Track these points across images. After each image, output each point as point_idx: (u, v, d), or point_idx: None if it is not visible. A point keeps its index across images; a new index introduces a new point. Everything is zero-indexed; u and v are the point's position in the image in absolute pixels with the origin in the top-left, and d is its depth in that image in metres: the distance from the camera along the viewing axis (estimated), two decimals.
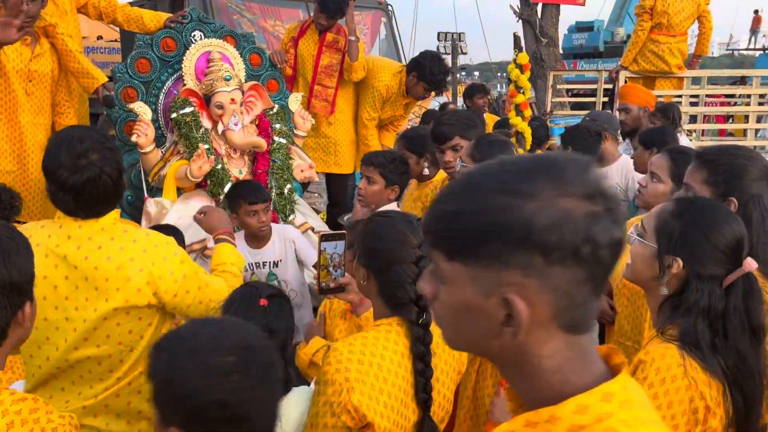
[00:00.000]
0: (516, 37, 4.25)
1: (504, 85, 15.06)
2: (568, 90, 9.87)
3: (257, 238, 3.15)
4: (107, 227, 1.87)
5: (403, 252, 1.65)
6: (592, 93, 8.37)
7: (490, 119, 5.46)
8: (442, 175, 3.24)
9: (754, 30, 28.55)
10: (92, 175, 1.77)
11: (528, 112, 4.36)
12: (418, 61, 4.42)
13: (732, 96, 8.68)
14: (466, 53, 18.26)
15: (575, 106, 8.80)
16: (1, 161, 3.41)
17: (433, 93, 4.99)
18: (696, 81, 6.90)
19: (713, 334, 1.45)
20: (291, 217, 3.56)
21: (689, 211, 1.57)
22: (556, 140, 5.51)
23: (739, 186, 1.86)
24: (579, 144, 3.38)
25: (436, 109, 8.00)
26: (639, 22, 6.28)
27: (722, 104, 8.71)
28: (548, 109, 7.75)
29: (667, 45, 6.20)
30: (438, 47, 17.01)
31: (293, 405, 1.71)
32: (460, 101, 10.88)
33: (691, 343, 1.44)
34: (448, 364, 1.74)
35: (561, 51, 19.08)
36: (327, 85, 4.42)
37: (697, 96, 6.45)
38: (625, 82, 6.31)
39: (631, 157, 3.51)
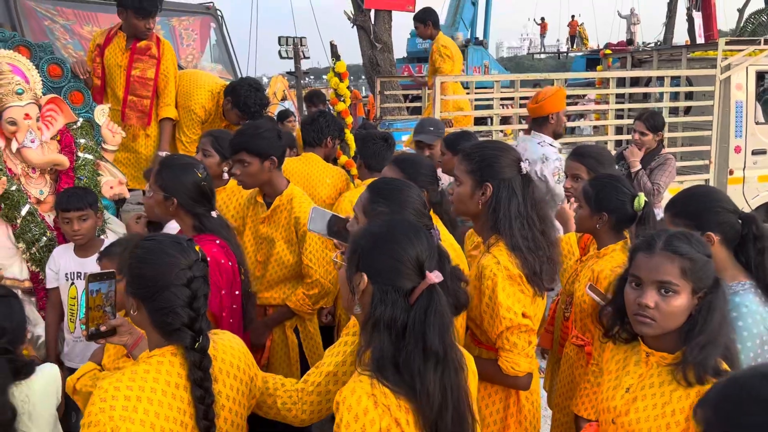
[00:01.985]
0: (332, 46, 4.34)
1: (359, 88, 15.35)
2: (405, 95, 10.20)
3: (83, 247, 3.11)
4: None
5: (171, 275, 1.60)
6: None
7: None
8: (232, 182, 3.19)
9: (543, 35, 32.31)
10: None
11: (350, 120, 4.48)
12: (235, 87, 4.23)
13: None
14: (308, 57, 18.27)
15: (414, 111, 9.13)
16: None
17: (275, 97, 4.88)
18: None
19: (397, 350, 1.44)
20: (102, 237, 3.36)
21: (375, 229, 1.60)
22: None
23: (491, 173, 2.15)
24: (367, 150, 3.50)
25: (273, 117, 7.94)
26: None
27: None
28: (377, 114, 7.97)
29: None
30: (280, 52, 16.90)
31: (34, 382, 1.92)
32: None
33: (379, 365, 1.43)
34: (234, 388, 1.70)
35: (405, 55, 19.78)
36: (142, 95, 4.21)
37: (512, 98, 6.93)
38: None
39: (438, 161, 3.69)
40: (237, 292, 2.53)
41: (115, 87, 4.17)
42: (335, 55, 4.32)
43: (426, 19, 6.53)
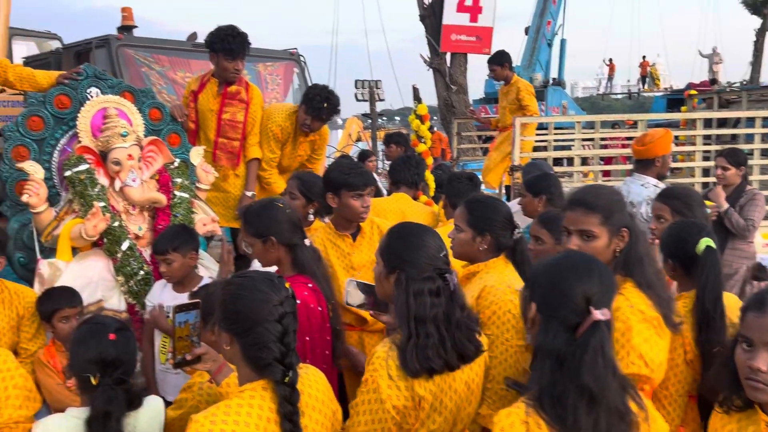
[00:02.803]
0: (415, 89, 4.44)
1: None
2: (479, 136, 10.23)
3: (180, 282, 3.17)
4: None
5: (264, 311, 1.66)
6: None
7: None
8: (318, 223, 3.32)
9: (611, 76, 31.90)
10: None
11: (429, 161, 4.53)
12: (305, 93, 4.49)
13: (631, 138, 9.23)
14: (383, 100, 18.66)
15: (487, 151, 9.13)
16: None
17: (350, 138, 5.04)
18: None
19: (554, 382, 1.47)
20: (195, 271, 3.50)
21: (550, 262, 1.67)
22: None
23: (622, 219, 2.12)
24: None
25: (354, 156, 8.11)
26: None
27: (623, 146, 9.24)
28: (454, 155, 8.02)
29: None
30: (356, 94, 17.32)
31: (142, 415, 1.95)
32: (381, 146, 11.09)
33: (538, 394, 1.47)
34: (319, 423, 1.73)
35: (483, 95, 19.88)
36: (231, 137, 4.41)
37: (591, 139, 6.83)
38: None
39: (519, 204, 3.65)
40: (327, 338, 2.57)
41: (207, 130, 4.39)
42: (417, 98, 4.41)
43: (503, 62, 6.63)
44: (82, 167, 3.38)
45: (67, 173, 3.38)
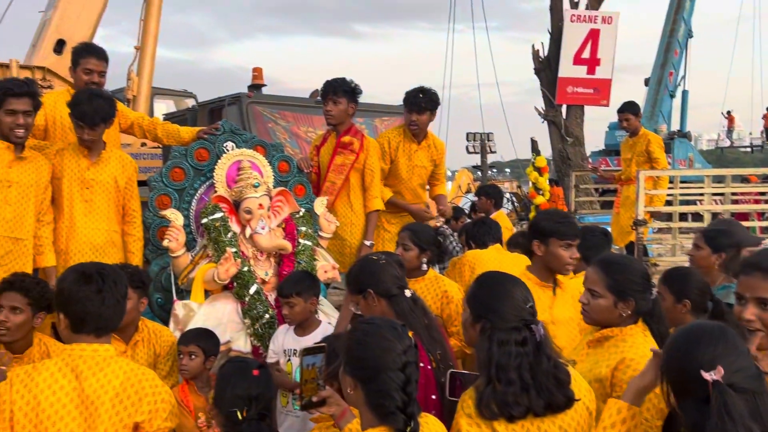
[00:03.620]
0: (533, 141, 4.42)
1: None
2: (596, 188, 9.95)
3: (302, 326, 3.28)
4: None
5: (389, 359, 1.69)
6: None
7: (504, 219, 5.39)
8: (432, 273, 3.35)
9: (730, 129, 30.03)
10: None
11: None
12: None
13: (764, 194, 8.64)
14: (494, 152, 18.68)
15: (604, 205, 8.84)
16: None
17: (460, 190, 5.08)
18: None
19: None
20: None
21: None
22: None
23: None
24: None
25: (463, 207, 8.11)
26: None
27: (755, 201, 8.65)
28: (573, 208, 7.82)
29: None
30: (467, 147, 17.46)
31: None
32: None
33: None
34: None
35: (603, 147, 19.39)
36: (333, 181, 4.52)
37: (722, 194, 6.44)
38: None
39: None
40: (433, 396, 2.53)
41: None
42: (535, 150, 4.39)
43: (637, 111, 6.43)
44: (218, 215, 3.62)
45: (204, 220, 3.63)
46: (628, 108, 6.39)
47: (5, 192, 3.33)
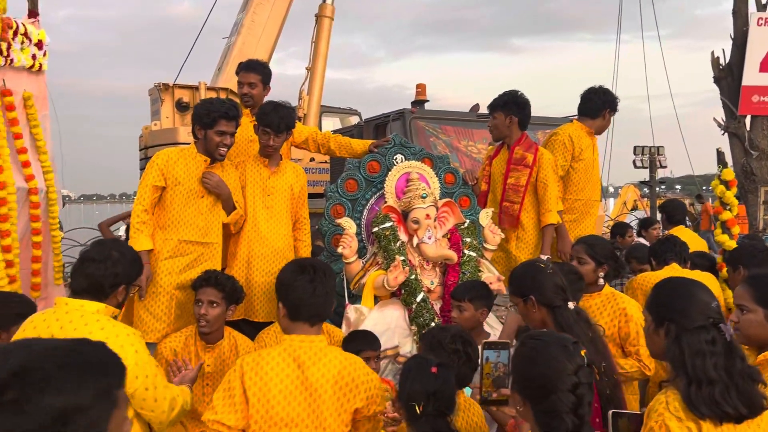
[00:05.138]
0: (719, 153, 4.09)
1: (712, 199, 14.11)
2: None
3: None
4: None
5: (558, 380, 1.62)
6: None
7: (689, 236, 5.07)
8: (609, 289, 3.25)
9: None
10: None
11: (736, 230, 4.10)
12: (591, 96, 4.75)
13: None
14: (665, 166, 17.46)
15: None
16: (232, 261, 3.90)
17: (625, 207, 4.86)
18: None
19: None
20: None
21: None
22: None
23: None
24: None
25: (627, 222, 7.70)
26: None
27: None
28: (760, 227, 7.12)
29: None
30: (634, 161, 16.51)
31: None
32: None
33: None
34: None
35: None
36: (513, 200, 4.50)
37: None
38: None
39: None
40: (596, 405, 2.44)
41: (496, 193, 4.57)
42: (722, 162, 4.06)
43: None
44: (387, 224, 3.77)
45: (375, 229, 3.80)
46: None
47: (198, 202, 3.63)
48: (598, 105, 4.70)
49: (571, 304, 2.56)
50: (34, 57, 3.85)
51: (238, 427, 2.19)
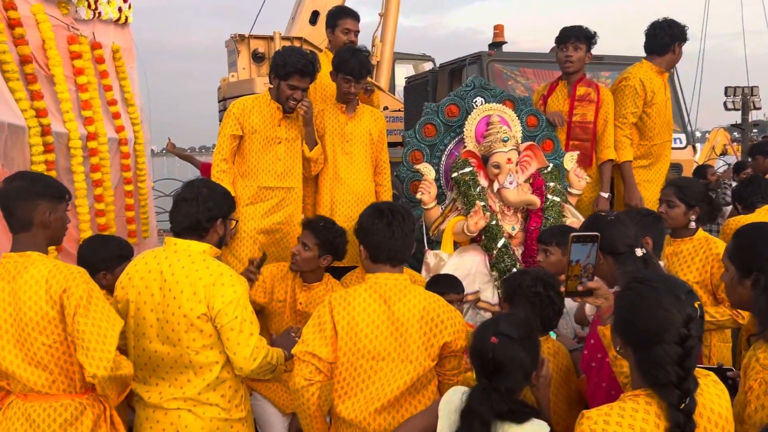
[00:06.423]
0: None
1: None
2: None
3: None
4: None
5: (665, 332, 1.51)
6: None
7: None
8: (702, 233, 3.13)
9: None
10: None
11: None
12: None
13: None
14: (759, 108, 16.37)
15: None
16: (317, 209, 3.97)
17: (714, 151, 4.57)
18: None
19: None
20: None
21: None
22: None
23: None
24: None
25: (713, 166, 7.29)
26: None
27: None
28: None
29: None
30: (725, 103, 15.56)
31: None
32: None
33: None
34: None
35: None
36: (582, 138, 4.34)
37: None
38: None
39: None
40: None
41: (558, 133, 4.37)
42: None
43: None
44: (467, 169, 3.71)
45: (454, 175, 3.75)
46: None
47: (275, 148, 3.70)
48: (665, 40, 4.40)
49: (638, 251, 2.43)
50: (120, 10, 3.95)
51: (328, 359, 2.25)
